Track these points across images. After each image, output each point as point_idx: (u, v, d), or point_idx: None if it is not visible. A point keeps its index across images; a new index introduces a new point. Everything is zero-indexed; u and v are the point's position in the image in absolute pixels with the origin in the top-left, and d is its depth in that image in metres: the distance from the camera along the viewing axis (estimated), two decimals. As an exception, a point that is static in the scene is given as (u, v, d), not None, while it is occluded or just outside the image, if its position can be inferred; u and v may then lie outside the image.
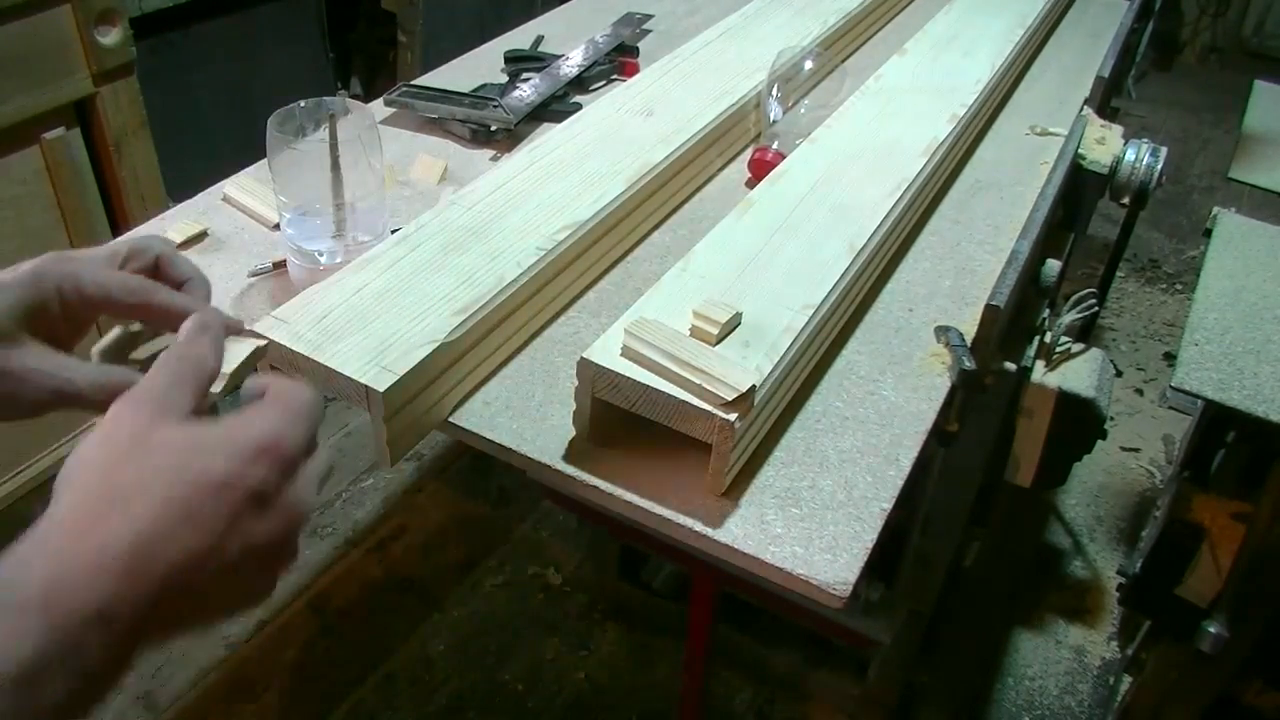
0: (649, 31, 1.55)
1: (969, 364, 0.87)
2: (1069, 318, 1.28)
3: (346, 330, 0.79)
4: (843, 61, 1.44)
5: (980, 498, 1.27)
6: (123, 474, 0.42)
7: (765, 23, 1.39)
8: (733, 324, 0.79)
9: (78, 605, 0.38)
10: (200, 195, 1.11)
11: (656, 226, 1.08)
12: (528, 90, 1.28)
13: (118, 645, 0.39)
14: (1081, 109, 1.35)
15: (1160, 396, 2.45)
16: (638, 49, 1.47)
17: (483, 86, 1.32)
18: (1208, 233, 1.40)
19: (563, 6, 1.66)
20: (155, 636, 0.41)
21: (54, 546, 0.39)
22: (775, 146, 1.14)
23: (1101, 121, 1.34)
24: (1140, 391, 2.47)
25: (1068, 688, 1.75)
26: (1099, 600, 1.91)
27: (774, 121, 1.19)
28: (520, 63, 1.41)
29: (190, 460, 0.43)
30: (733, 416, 0.70)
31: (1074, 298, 1.30)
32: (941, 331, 0.92)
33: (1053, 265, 1.16)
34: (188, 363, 0.48)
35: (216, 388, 0.52)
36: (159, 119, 1.80)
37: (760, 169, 1.12)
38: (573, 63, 1.37)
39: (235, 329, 0.59)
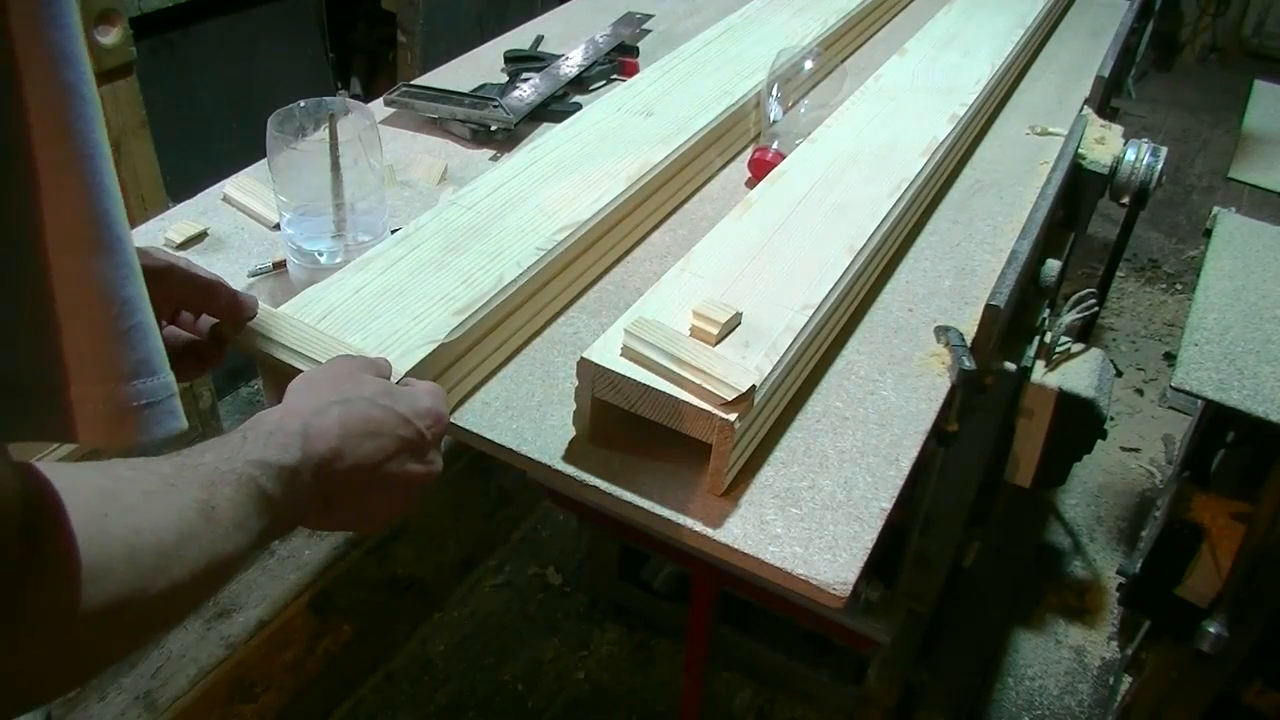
0: (649, 31, 1.55)
1: (969, 364, 0.87)
2: (1069, 318, 1.28)
3: (346, 330, 0.79)
4: (843, 61, 1.44)
5: (980, 498, 1.27)
6: (343, 389, 0.63)
7: (765, 23, 1.39)
8: (733, 324, 0.79)
9: (315, 448, 0.58)
10: (200, 195, 1.11)
11: (656, 226, 1.08)
12: (528, 90, 1.28)
13: (313, 494, 0.57)
14: (1081, 109, 1.35)
15: (1160, 396, 2.45)
16: (638, 49, 1.47)
17: (483, 86, 1.32)
18: (1208, 233, 1.40)
19: (563, 6, 1.66)
20: (319, 513, 0.59)
21: (304, 413, 0.59)
22: (775, 146, 1.14)
23: (1101, 121, 1.34)
24: (1140, 391, 2.47)
25: (1068, 688, 1.75)
26: (1099, 600, 1.91)
27: (774, 121, 1.19)
28: (520, 63, 1.41)
29: (384, 399, 0.64)
30: (732, 416, 0.70)
31: (1074, 298, 1.30)
32: (941, 331, 0.92)
33: (1053, 265, 1.16)
34: (378, 361, 0.72)
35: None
36: (159, 119, 1.80)
37: (760, 169, 1.12)
38: (573, 63, 1.37)
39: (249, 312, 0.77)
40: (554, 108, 1.29)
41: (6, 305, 0.41)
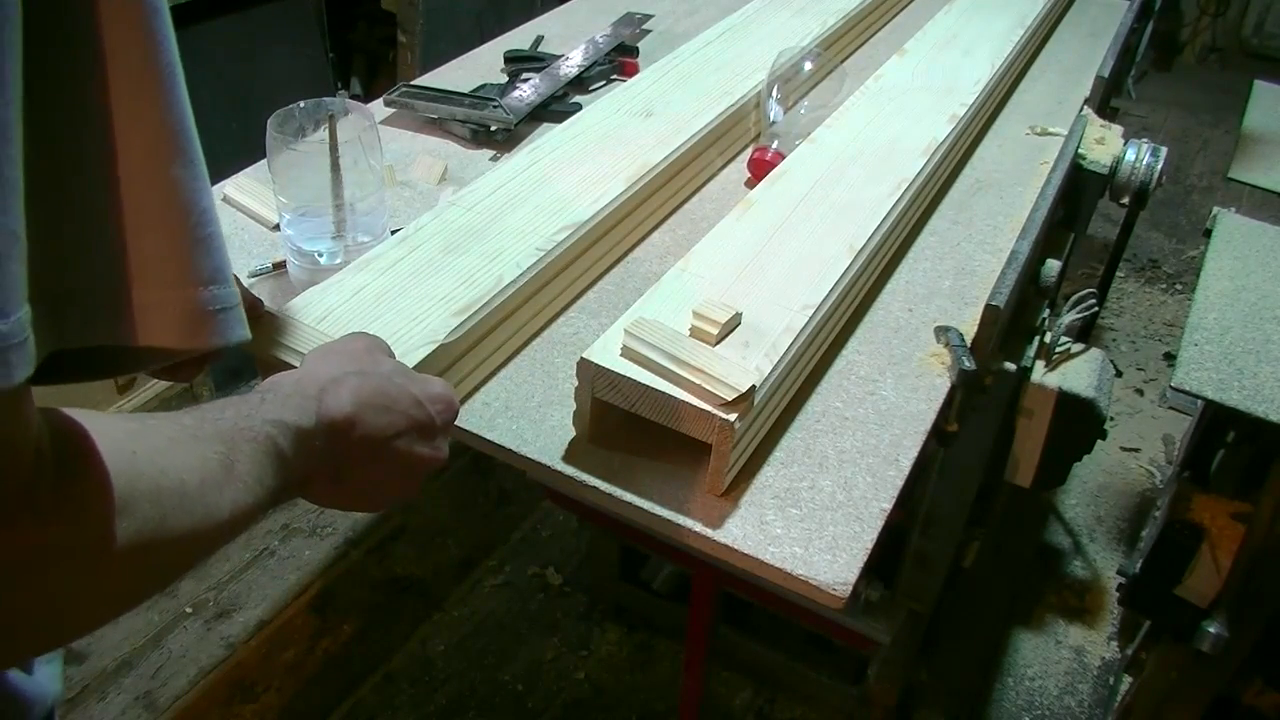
0: (649, 31, 1.55)
1: (969, 364, 0.87)
2: (1069, 318, 1.28)
3: (346, 331, 0.79)
4: (842, 61, 1.44)
5: (980, 498, 1.27)
6: (361, 362, 0.64)
7: (765, 23, 1.39)
8: (733, 324, 0.79)
9: (330, 413, 0.58)
10: (200, 195, 1.10)
11: (656, 226, 1.08)
12: (528, 90, 1.28)
13: (324, 459, 0.57)
14: (1081, 109, 1.35)
15: (1160, 396, 2.45)
16: (638, 49, 1.47)
17: (483, 86, 1.32)
18: (1208, 233, 1.40)
19: (563, 6, 1.66)
20: (327, 482, 0.59)
21: (321, 379, 0.60)
22: (775, 146, 1.14)
23: (1101, 121, 1.34)
24: (1140, 391, 2.47)
25: (1068, 688, 1.75)
26: (1099, 600, 1.91)
27: (774, 122, 1.19)
28: (520, 63, 1.41)
29: (400, 377, 0.64)
30: (732, 416, 0.70)
31: (1074, 298, 1.30)
32: (941, 331, 0.92)
33: (1053, 265, 1.16)
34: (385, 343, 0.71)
35: None
36: (159, 119, 1.79)
37: (760, 169, 1.12)
38: (573, 63, 1.37)
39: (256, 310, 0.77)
40: (554, 108, 1.29)
41: (66, 215, 0.42)
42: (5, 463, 0.38)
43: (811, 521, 0.73)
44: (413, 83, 1.29)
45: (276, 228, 1.03)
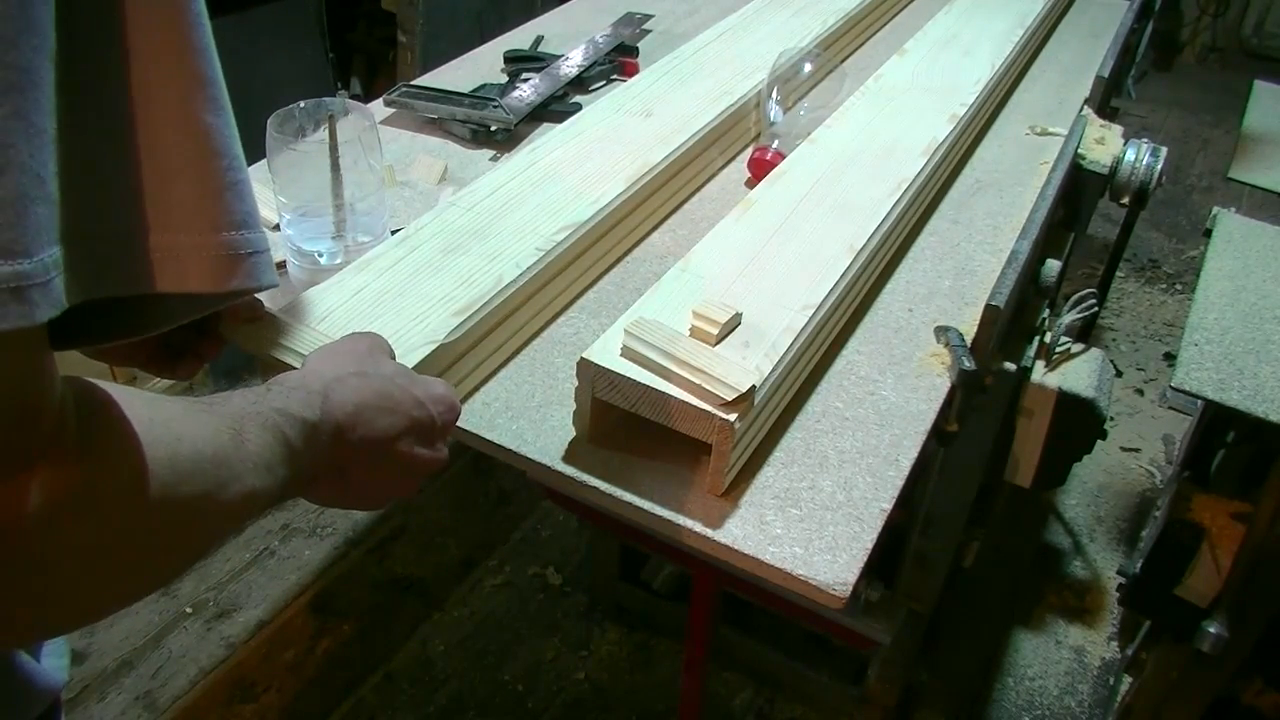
0: (649, 31, 1.55)
1: (969, 364, 0.87)
2: (1069, 318, 1.28)
3: (346, 331, 0.79)
4: (842, 62, 1.44)
5: (980, 498, 1.27)
6: (363, 363, 0.64)
7: (765, 23, 1.39)
8: (733, 324, 0.79)
9: (333, 411, 0.58)
10: (200, 195, 1.10)
11: (656, 227, 1.08)
12: (528, 90, 1.28)
13: (329, 456, 0.57)
14: (1081, 109, 1.35)
15: (1160, 396, 2.45)
16: (638, 49, 1.47)
17: (483, 86, 1.32)
18: (1208, 233, 1.40)
19: (563, 6, 1.66)
20: (333, 481, 0.59)
21: (325, 377, 0.60)
22: (775, 146, 1.14)
23: (1101, 121, 1.34)
24: (1140, 391, 2.47)
25: (1068, 688, 1.75)
26: (1099, 600, 1.91)
27: (774, 122, 1.19)
28: (520, 63, 1.41)
29: (402, 379, 0.64)
30: (732, 417, 0.70)
31: (1074, 298, 1.30)
32: (941, 331, 0.92)
33: (1053, 265, 1.16)
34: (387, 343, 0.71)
35: None
36: (159, 119, 1.79)
37: (760, 169, 1.12)
38: (573, 63, 1.37)
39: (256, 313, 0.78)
40: (554, 108, 1.29)
41: (93, 161, 0.42)
42: (32, 403, 0.37)
43: (811, 521, 0.73)
44: (413, 83, 1.29)
45: (276, 228, 1.03)
